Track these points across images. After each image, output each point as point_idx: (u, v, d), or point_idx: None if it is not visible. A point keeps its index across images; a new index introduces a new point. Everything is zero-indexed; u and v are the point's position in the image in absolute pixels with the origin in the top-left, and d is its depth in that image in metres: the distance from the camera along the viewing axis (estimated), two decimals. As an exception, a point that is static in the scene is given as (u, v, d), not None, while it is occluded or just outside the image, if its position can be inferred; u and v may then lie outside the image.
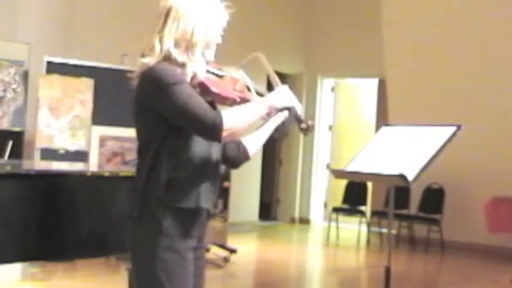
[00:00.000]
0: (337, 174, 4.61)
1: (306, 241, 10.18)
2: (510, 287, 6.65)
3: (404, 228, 9.33)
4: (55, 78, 6.76)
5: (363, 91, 11.36)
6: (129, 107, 2.39)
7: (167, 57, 2.33)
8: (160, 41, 2.34)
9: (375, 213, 9.54)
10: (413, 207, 9.19)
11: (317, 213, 11.22)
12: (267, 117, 2.46)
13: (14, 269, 5.43)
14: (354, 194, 9.69)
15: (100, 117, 6.92)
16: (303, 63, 11.17)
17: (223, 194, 7.06)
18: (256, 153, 2.65)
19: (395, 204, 4.25)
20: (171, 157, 2.31)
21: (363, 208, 9.63)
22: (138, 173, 2.37)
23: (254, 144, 2.58)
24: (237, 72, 2.51)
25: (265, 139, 2.57)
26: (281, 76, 2.64)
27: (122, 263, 6.12)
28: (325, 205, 11.08)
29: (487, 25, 8.65)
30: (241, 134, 2.46)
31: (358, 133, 10.84)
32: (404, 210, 9.03)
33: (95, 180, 3.55)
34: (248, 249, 8.40)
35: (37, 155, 6.68)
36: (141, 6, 7.97)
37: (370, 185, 9.71)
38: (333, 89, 11.33)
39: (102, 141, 7.01)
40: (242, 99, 2.45)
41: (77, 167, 4.70)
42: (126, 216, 2.38)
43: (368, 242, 9.36)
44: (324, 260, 8.72)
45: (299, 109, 2.48)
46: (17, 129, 6.85)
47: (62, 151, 6.77)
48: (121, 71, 6.62)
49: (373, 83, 10.68)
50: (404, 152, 3.78)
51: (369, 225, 9.55)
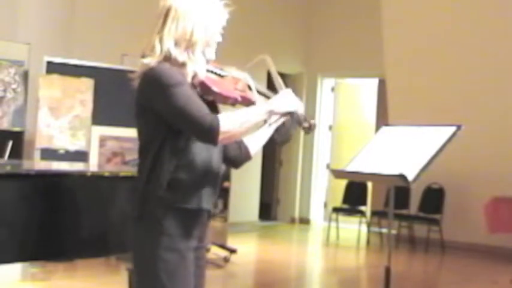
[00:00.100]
0: (337, 174, 4.61)
1: (306, 241, 10.18)
2: (510, 287, 6.65)
3: (404, 228, 9.33)
4: (55, 78, 6.76)
5: (363, 91, 11.36)
6: (129, 107, 2.39)
7: (167, 57, 2.33)
8: (161, 41, 2.34)
9: (375, 213, 9.53)
10: (413, 207, 9.19)
11: (317, 213, 11.21)
12: (268, 119, 2.45)
13: (14, 269, 5.43)
14: (354, 194, 9.69)
15: (100, 117, 6.92)
16: (303, 63, 11.17)
17: (223, 194, 7.06)
18: (256, 153, 2.65)
19: (395, 204, 4.25)
20: (172, 158, 2.31)
21: (363, 208, 9.63)
22: (139, 173, 2.38)
23: (255, 143, 2.58)
24: (238, 71, 2.51)
25: (266, 139, 2.56)
26: (281, 76, 2.61)
27: (122, 263, 6.12)
28: (325, 205, 11.08)
29: (487, 25, 8.65)
30: (240, 138, 2.46)
31: (358, 133, 10.83)
32: (404, 210, 9.03)
33: (95, 180, 3.55)
34: (248, 249, 8.40)
35: (37, 155, 6.68)
36: (141, 6, 7.97)
37: (370, 185, 9.70)
38: (333, 89, 11.33)
39: (102, 141, 7.01)
40: (243, 99, 2.44)
41: (77, 167, 4.70)
42: (128, 216, 2.39)
43: (368, 242, 9.36)
44: (324, 260, 8.72)
45: (301, 108, 2.47)
46: (17, 129, 6.85)
47: (62, 151, 6.77)
48: (121, 71, 6.68)
49: (373, 83, 10.67)
50: (404, 152, 3.78)
51: (369, 225, 9.55)
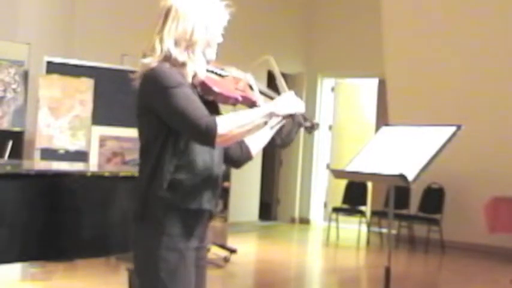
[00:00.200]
0: (337, 174, 4.61)
1: (306, 241, 10.17)
2: (510, 287, 6.65)
3: (404, 228, 9.33)
4: (55, 78, 6.76)
5: (363, 91, 11.36)
6: (129, 107, 2.39)
7: (168, 57, 2.33)
8: (161, 41, 2.34)
9: (375, 213, 9.53)
10: (413, 207, 9.19)
11: (317, 213, 11.21)
12: (269, 121, 2.44)
13: (14, 269, 5.43)
14: (354, 194, 9.68)
15: (100, 117, 6.92)
16: (303, 63, 11.16)
17: (223, 194, 7.01)
18: (257, 153, 2.64)
19: (395, 204, 4.25)
20: (173, 158, 2.31)
21: (363, 208, 9.63)
22: (140, 173, 2.38)
23: (257, 144, 2.57)
24: (239, 71, 2.50)
25: (268, 139, 2.55)
26: (282, 76, 2.61)
27: (122, 263, 6.11)
28: (325, 205, 11.08)
29: (487, 25, 8.64)
30: (239, 139, 2.45)
31: (358, 133, 10.84)
32: (404, 210, 9.03)
33: (95, 180, 3.55)
34: (248, 249, 8.40)
35: (37, 155, 6.68)
36: (141, 6, 7.97)
37: (370, 185, 9.70)
38: (333, 89, 11.33)
39: (102, 141, 7.01)
40: (244, 99, 2.44)
41: (77, 167, 4.70)
42: (128, 216, 2.39)
43: (368, 242, 9.36)
44: (324, 260, 8.72)
45: (302, 108, 2.45)
46: (17, 129, 6.85)
47: (62, 151, 6.77)
48: (121, 71, 6.70)
49: (373, 83, 10.67)
50: (404, 152, 3.78)
51: (369, 225, 9.55)
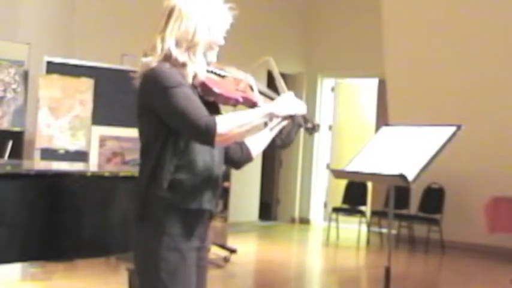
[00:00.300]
0: (337, 174, 4.61)
1: (306, 241, 10.17)
2: (510, 287, 6.65)
3: (404, 228, 9.33)
4: (55, 78, 6.76)
5: (363, 91, 11.36)
6: (129, 107, 2.39)
7: (168, 57, 2.33)
8: (162, 40, 2.33)
9: (375, 213, 9.53)
10: (413, 207, 9.19)
11: (317, 213, 11.21)
12: (268, 123, 2.44)
13: (14, 269, 5.43)
14: (354, 194, 9.68)
15: (100, 117, 6.92)
16: (303, 63, 11.16)
17: (223, 194, 7.03)
18: (257, 154, 2.64)
19: (395, 204, 4.25)
20: (174, 158, 2.31)
21: (363, 208, 9.63)
22: (140, 173, 2.38)
23: (257, 145, 2.57)
24: (240, 72, 2.50)
25: (268, 141, 2.55)
26: (281, 76, 2.61)
27: (122, 263, 6.11)
28: (325, 205, 11.07)
29: (487, 25, 8.64)
30: (238, 140, 2.45)
31: (358, 133, 10.83)
32: (404, 210, 9.03)
33: (95, 180, 3.55)
34: (248, 249, 8.40)
35: (37, 155, 6.68)
36: (141, 7, 7.98)
37: (370, 185, 9.70)
38: (333, 89, 11.32)
39: (102, 141, 7.01)
40: (245, 99, 2.43)
41: (77, 167, 4.70)
42: (128, 216, 2.39)
43: (368, 242, 9.36)
44: (324, 260, 8.72)
45: (304, 110, 2.45)
46: (17, 129, 6.85)
47: (62, 151, 6.77)
48: (121, 71, 6.70)
49: (373, 83, 10.67)
50: (404, 152, 3.78)
51: (369, 225, 9.55)
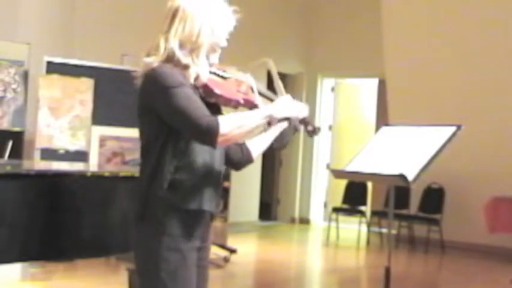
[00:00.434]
0: (337, 174, 4.61)
1: (306, 241, 10.17)
2: (510, 287, 6.65)
3: (404, 228, 9.33)
4: (55, 78, 6.76)
5: (363, 91, 11.36)
6: (129, 107, 2.39)
7: (170, 58, 2.33)
8: (166, 40, 2.33)
9: (375, 213, 9.53)
10: (413, 207, 9.19)
11: (317, 213, 11.21)
12: (267, 125, 2.45)
13: (14, 269, 5.43)
14: (354, 194, 9.68)
15: (100, 117, 6.92)
16: (303, 63, 11.16)
17: (223, 194, 7.04)
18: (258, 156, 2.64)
19: (395, 204, 4.25)
20: (174, 158, 2.31)
21: (363, 208, 9.63)
22: (141, 173, 2.38)
23: (258, 146, 2.57)
24: (242, 73, 2.50)
25: (269, 143, 2.55)
26: (281, 76, 2.62)
27: (122, 263, 6.11)
28: (325, 205, 11.08)
29: (487, 25, 8.64)
30: (238, 141, 2.45)
31: (358, 133, 10.83)
32: (404, 210, 9.03)
33: (95, 180, 3.55)
34: (248, 249, 8.40)
35: (37, 155, 6.68)
36: (141, 7, 7.99)
37: (370, 185, 9.70)
38: (333, 89, 11.33)
39: (102, 141, 7.01)
40: (246, 101, 2.43)
41: (77, 167, 4.70)
42: (128, 216, 2.39)
43: (368, 242, 9.36)
44: (324, 260, 8.72)
45: (305, 111, 2.46)
46: (17, 129, 6.85)
47: (62, 151, 6.77)
48: (121, 71, 6.71)
49: (373, 83, 10.67)
50: (404, 152, 3.78)
51: (369, 225, 9.55)
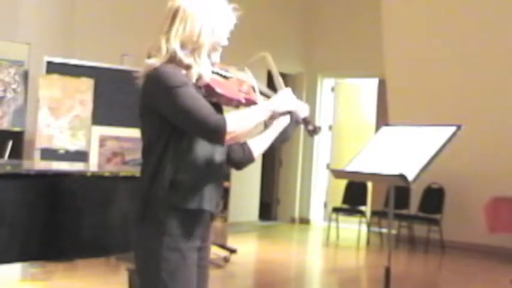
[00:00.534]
0: (337, 174, 4.61)
1: (306, 241, 10.17)
2: (510, 287, 6.65)
3: (404, 228, 9.33)
4: (55, 78, 6.76)
5: (363, 91, 11.36)
6: (129, 107, 2.39)
7: (172, 58, 2.32)
8: (167, 41, 2.33)
9: (375, 213, 9.53)
10: (413, 207, 9.19)
11: (317, 213, 11.21)
12: (269, 121, 2.45)
13: (14, 269, 5.43)
14: (354, 194, 9.68)
15: (100, 117, 6.92)
16: (303, 63, 11.16)
17: (223, 194, 7.05)
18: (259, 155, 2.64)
19: (395, 204, 4.25)
20: (175, 158, 2.31)
21: (363, 208, 9.63)
22: (142, 173, 2.38)
23: (259, 145, 2.56)
24: (243, 73, 2.50)
25: (270, 141, 2.55)
26: (281, 76, 2.62)
27: (122, 263, 6.11)
28: (325, 205, 11.08)
29: (487, 25, 8.64)
30: (243, 138, 2.46)
31: (358, 133, 10.83)
32: (404, 210, 9.03)
33: (95, 180, 3.55)
34: (248, 249, 8.40)
35: (37, 155, 6.68)
36: (141, 7, 7.99)
37: (370, 185, 9.70)
38: (333, 89, 11.33)
39: (102, 141, 7.01)
40: (248, 101, 2.44)
41: (77, 167, 4.70)
42: (128, 216, 2.39)
43: (368, 242, 9.36)
44: (324, 260, 8.72)
45: (306, 111, 2.46)
46: (17, 129, 6.85)
47: (62, 151, 6.77)
48: (121, 71, 6.71)
49: (373, 83, 10.67)
50: (404, 152, 3.78)
51: (369, 225, 9.55)
